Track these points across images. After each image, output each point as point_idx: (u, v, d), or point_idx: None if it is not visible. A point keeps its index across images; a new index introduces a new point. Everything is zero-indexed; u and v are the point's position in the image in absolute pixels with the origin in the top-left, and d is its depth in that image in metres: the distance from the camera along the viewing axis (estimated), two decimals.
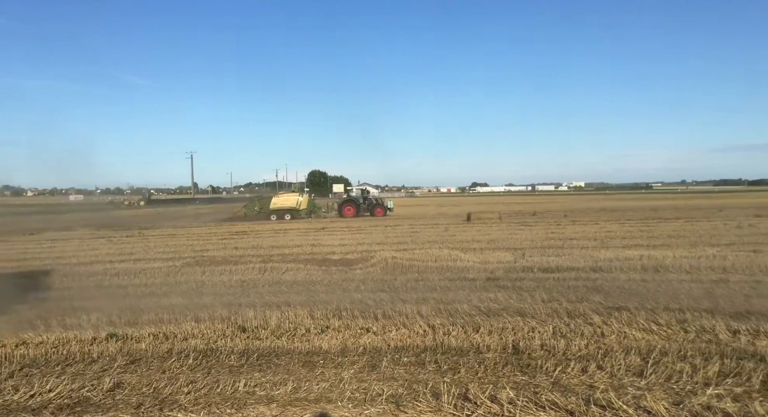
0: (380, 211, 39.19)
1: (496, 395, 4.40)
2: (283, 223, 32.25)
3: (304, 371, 5.29)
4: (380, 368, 5.29)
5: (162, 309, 8.38)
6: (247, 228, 28.35)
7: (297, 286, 10.87)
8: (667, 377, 4.69)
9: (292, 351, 5.97)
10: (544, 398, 4.28)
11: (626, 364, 5.02)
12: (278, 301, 8.77)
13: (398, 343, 6.05)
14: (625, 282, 9.71)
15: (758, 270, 10.36)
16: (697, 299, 7.84)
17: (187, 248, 18.32)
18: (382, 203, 40.82)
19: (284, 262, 13.97)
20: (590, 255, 13.10)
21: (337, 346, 6.06)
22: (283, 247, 17.95)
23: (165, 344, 6.32)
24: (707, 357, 5.12)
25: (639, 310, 7.15)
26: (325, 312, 7.64)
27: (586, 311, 7.14)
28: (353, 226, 27.89)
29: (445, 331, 6.42)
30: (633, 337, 5.88)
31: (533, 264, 12.07)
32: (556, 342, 5.76)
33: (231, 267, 13.33)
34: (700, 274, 10.33)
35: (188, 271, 13.14)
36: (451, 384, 4.68)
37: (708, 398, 4.15)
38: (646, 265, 11.29)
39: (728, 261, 11.23)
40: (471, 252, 14.75)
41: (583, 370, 4.94)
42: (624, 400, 4.17)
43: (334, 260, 14.13)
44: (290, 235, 22.85)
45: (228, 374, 5.26)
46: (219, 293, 10.25)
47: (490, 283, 10.09)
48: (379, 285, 10.43)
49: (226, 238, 22.39)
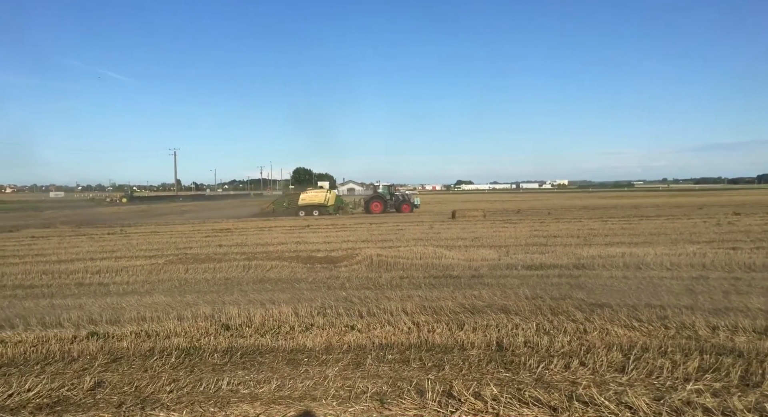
0: (407, 208, 39.32)
1: (480, 392, 4.41)
2: (268, 221, 32.08)
3: (288, 369, 5.26)
4: (365, 366, 5.29)
5: (144, 307, 8.29)
6: (231, 225, 28.16)
7: (281, 283, 10.83)
8: (648, 373, 4.75)
9: (276, 349, 5.94)
10: (528, 394, 4.30)
11: (608, 360, 5.07)
12: (262, 299, 8.72)
13: (383, 341, 6.05)
14: (608, 279, 9.82)
15: (737, 267, 10.54)
16: (677, 296, 7.95)
17: (170, 246, 18.15)
18: (409, 199, 40.80)
19: (269, 259, 13.90)
20: (573, 252, 13.23)
21: (321, 343, 6.04)
22: (267, 244, 17.86)
23: (147, 342, 6.25)
24: (687, 353, 5.19)
25: (621, 306, 7.23)
26: (310, 310, 7.61)
27: (569, 308, 7.20)
28: (338, 224, 27.85)
29: (430, 328, 6.43)
30: (615, 333, 5.94)
31: (517, 261, 12.15)
32: (539, 339, 5.80)
33: (215, 265, 13.23)
34: (681, 271, 10.48)
35: (171, 268, 13.02)
36: (436, 381, 4.70)
37: (688, 394, 4.21)
38: (628, 262, 11.42)
39: (708, 258, 11.40)
40: (456, 249, 14.81)
41: (566, 367, 4.99)
42: (606, 396, 4.21)
43: (318, 258, 14.10)
44: (275, 233, 22.74)
45: (211, 372, 5.22)
46: (202, 291, 10.18)
47: (475, 281, 10.14)
48: (364, 282, 10.43)
49: (210, 235, 22.22)
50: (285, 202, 40.53)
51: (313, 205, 38.44)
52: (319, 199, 38.95)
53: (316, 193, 40.19)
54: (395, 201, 40.04)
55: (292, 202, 39.83)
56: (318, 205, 38.47)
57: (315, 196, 39.45)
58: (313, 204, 38.55)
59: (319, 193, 40.09)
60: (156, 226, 29.62)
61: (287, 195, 42.82)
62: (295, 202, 39.40)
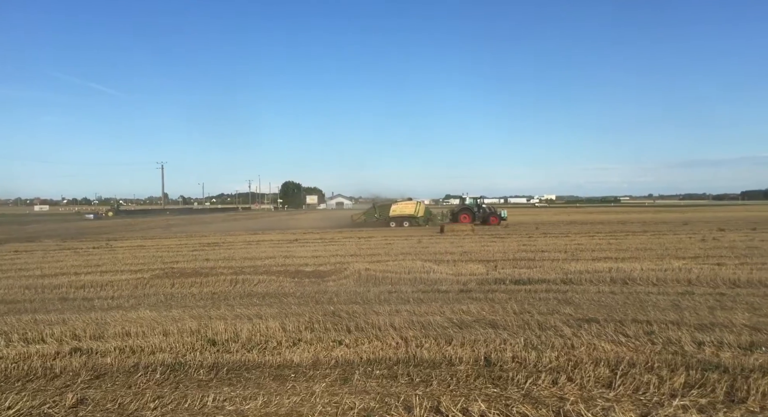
0: (494, 220, 38.95)
1: (467, 408, 4.40)
2: (256, 235, 31.91)
3: (274, 385, 5.21)
4: (352, 381, 5.25)
5: (129, 322, 8.18)
6: (219, 239, 27.97)
7: (269, 298, 10.76)
8: (635, 389, 4.76)
9: (263, 364, 5.88)
10: (516, 410, 4.30)
11: (595, 375, 5.08)
12: (249, 314, 8.65)
13: (371, 356, 6.01)
14: (595, 294, 9.86)
15: (722, 283, 10.64)
16: (663, 311, 8.00)
17: (156, 260, 17.97)
18: (496, 212, 40.57)
19: (256, 274, 13.81)
20: (561, 267, 13.29)
21: (308, 359, 5.99)
22: (255, 258, 17.76)
23: (131, 358, 6.16)
24: (673, 368, 5.21)
25: (608, 321, 7.26)
26: (297, 324, 7.56)
27: (557, 323, 7.21)
28: (326, 238, 27.77)
29: (418, 343, 6.41)
30: (602, 348, 5.96)
31: (505, 276, 12.17)
32: (527, 354, 5.80)
33: (201, 279, 13.11)
34: (667, 286, 10.56)
35: (157, 283, 12.88)
36: (423, 397, 4.67)
37: (674, 410, 4.23)
38: (615, 277, 11.49)
39: (693, 274, 11.51)
40: (444, 264, 14.81)
41: (554, 382, 4.98)
42: (593, 411, 4.22)
43: (307, 272, 14.03)
44: (263, 247, 22.62)
45: (197, 389, 5.15)
46: (188, 306, 10.07)
47: (463, 295, 10.14)
48: (352, 297, 10.39)
49: (197, 249, 22.04)
50: (376, 213, 40.69)
51: (404, 216, 38.82)
52: (410, 210, 39.27)
53: (407, 204, 40.34)
54: (483, 213, 39.86)
55: (383, 212, 40.06)
56: (408, 217, 38.84)
57: (405, 207, 39.74)
58: (404, 215, 38.94)
59: (409, 205, 40.27)
60: (142, 240, 29.33)
61: (378, 206, 42.56)
62: (386, 213, 39.66)
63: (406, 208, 39.41)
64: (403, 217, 38.54)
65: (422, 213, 39.25)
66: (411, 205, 40.08)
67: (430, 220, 39.38)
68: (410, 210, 39.19)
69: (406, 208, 39.43)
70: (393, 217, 38.64)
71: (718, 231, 26.90)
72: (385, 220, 38.72)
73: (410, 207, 39.63)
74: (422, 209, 39.68)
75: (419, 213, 39.06)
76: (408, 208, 39.54)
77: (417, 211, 39.10)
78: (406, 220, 38.32)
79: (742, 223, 34.58)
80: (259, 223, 54.36)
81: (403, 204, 40.44)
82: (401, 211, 39.09)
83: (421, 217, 38.88)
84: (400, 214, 38.88)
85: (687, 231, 27.61)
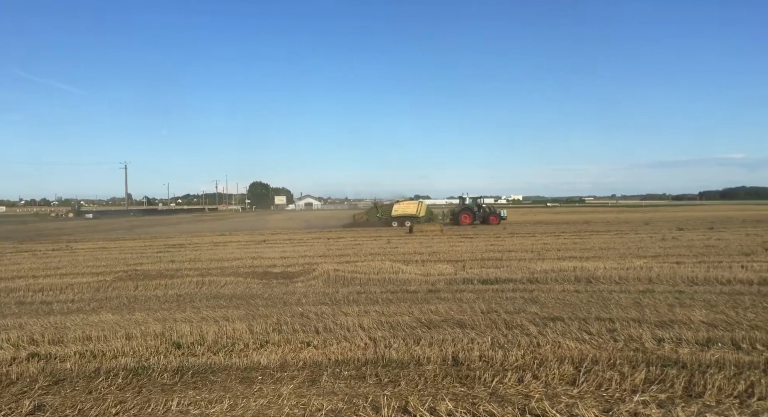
0: (494, 219, 39.45)
1: (435, 407, 4.43)
2: (223, 236, 31.45)
3: (241, 388, 5.14)
4: (320, 383, 5.22)
5: (90, 326, 7.97)
6: (185, 240, 27.48)
7: (236, 299, 10.62)
8: (597, 385, 4.87)
9: (229, 367, 5.80)
10: (482, 409, 4.34)
11: (560, 373, 5.17)
12: (216, 316, 8.51)
13: (339, 357, 6.00)
14: (560, 293, 10.05)
15: (681, 281, 10.97)
16: (625, 309, 8.21)
17: (120, 262, 17.55)
18: (496, 212, 41.12)
19: (223, 275, 13.62)
20: (527, 267, 13.49)
21: (276, 361, 5.94)
22: (222, 260, 17.51)
23: (92, 363, 5.99)
24: (634, 365, 5.35)
25: (572, 320, 7.41)
26: (265, 326, 7.48)
27: (523, 322, 7.32)
28: (295, 239, 27.58)
29: (387, 343, 6.42)
30: (567, 346, 6.07)
31: (473, 276, 12.30)
32: (494, 353, 5.87)
33: (166, 281, 12.85)
34: (629, 284, 10.83)
35: (120, 285, 12.58)
36: (392, 397, 4.68)
37: (635, 405, 4.34)
38: (580, 276, 11.73)
39: (654, 272, 11.83)
40: (413, 264, 14.88)
41: (520, 380, 5.06)
42: (557, 408, 4.29)
43: (275, 273, 13.90)
44: (230, 248, 22.32)
45: (160, 393, 5.04)
46: (153, 308, 9.86)
47: (432, 295, 10.20)
48: (321, 298, 10.34)
49: (162, 251, 21.61)
50: (378, 213, 40.92)
51: (406, 216, 38.90)
52: (411, 210, 39.40)
53: (408, 205, 40.60)
54: (483, 213, 40.43)
55: (385, 212, 40.29)
56: (410, 216, 38.89)
57: (407, 207, 39.94)
58: (406, 215, 39.05)
59: (411, 205, 40.55)
60: (104, 241, 28.59)
61: (380, 206, 42.94)
62: (388, 213, 39.88)
63: (408, 208, 39.80)
64: (405, 217, 38.86)
65: (424, 213, 39.70)
66: (413, 205, 40.58)
67: (432, 221, 39.69)
68: (412, 210, 39.57)
69: (408, 208, 39.81)
70: (395, 217, 39.03)
71: (677, 230, 27.74)
72: (387, 220, 39.15)
73: (412, 207, 40.09)
74: (424, 209, 40.13)
75: (421, 213, 39.47)
76: (410, 208, 39.97)
77: (419, 211, 39.50)
78: (408, 220, 38.53)
79: (699, 223, 35.75)
80: (227, 224, 53.65)
81: (405, 204, 40.86)
82: (403, 211, 39.47)
83: (423, 217, 39.24)
84: (402, 213, 39.24)
85: (648, 230, 28.38)
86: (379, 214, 40.74)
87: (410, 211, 39.36)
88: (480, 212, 40.15)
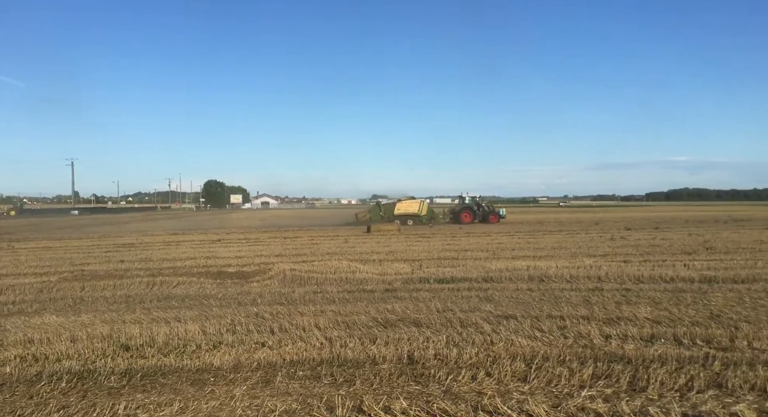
0: (494, 218, 40.38)
1: (389, 406, 4.44)
2: (176, 235, 30.68)
3: (192, 390, 5.03)
4: (274, 383, 5.16)
5: (32, 328, 7.64)
6: (135, 240, 26.68)
7: (189, 300, 10.38)
8: (548, 381, 4.99)
9: (180, 369, 5.66)
10: (436, 407, 4.38)
11: (512, 370, 5.28)
12: (167, 317, 8.30)
13: (294, 357, 5.94)
14: (514, 291, 10.25)
15: (627, 279, 11.37)
16: (575, 307, 8.45)
17: (65, 262, 16.88)
18: (495, 210, 42.03)
19: (176, 275, 13.28)
20: (482, 266, 13.71)
21: (229, 362, 5.83)
22: (174, 259, 17.07)
23: (34, 367, 5.74)
24: (583, 361, 5.51)
25: (525, 318, 7.57)
26: (219, 327, 7.34)
27: (478, 320, 7.44)
28: (251, 238, 27.17)
29: (342, 343, 6.40)
30: (519, 344, 6.20)
31: (430, 275, 12.41)
32: (449, 351, 5.94)
33: (115, 281, 12.44)
34: (579, 283, 11.15)
35: (65, 286, 12.10)
36: (346, 397, 4.67)
37: (582, 400, 4.47)
38: (533, 274, 12.00)
39: (602, 271, 12.22)
40: (370, 263, 14.89)
41: (473, 378, 5.13)
42: (509, 405, 4.38)
43: (229, 273, 13.66)
44: (183, 248, 21.79)
45: (107, 397, 4.87)
46: (100, 310, 9.54)
47: (388, 295, 10.23)
48: (277, 298, 10.23)
49: (111, 251, 20.91)
50: (381, 212, 40.97)
51: (408, 215, 39.37)
52: (414, 209, 39.81)
53: (411, 203, 40.85)
54: (482, 211, 41.17)
55: (388, 211, 40.48)
56: (412, 215, 39.43)
57: (410, 206, 40.25)
58: (408, 213, 39.45)
59: (413, 203, 40.80)
60: (49, 241, 27.43)
61: (383, 205, 43.26)
62: (390, 212, 40.12)
63: (410, 207, 40.31)
64: (408, 216, 39.42)
65: (425, 211, 40.31)
66: (415, 203, 40.99)
67: (433, 219, 40.42)
68: (414, 208, 40.10)
69: (410, 207, 40.32)
70: (398, 216, 39.41)
71: (625, 230, 28.74)
72: (390, 219, 39.42)
73: (414, 206, 40.56)
74: (425, 208, 40.71)
75: (422, 211, 40.07)
76: (412, 206, 40.44)
77: (420, 210, 40.09)
78: (410, 219, 39.22)
79: (646, 223, 37.16)
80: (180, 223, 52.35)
81: (407, 203, 41.27)
82: (406, 210, 39.97)
83: (425, 216, 39.88)
84: (405, 212, 39.75)
85: (598, 230, 29.31)
86: (382, 212, 41.16)
87: (412, 210, 40.01)
88: (480, 211, 41.30)
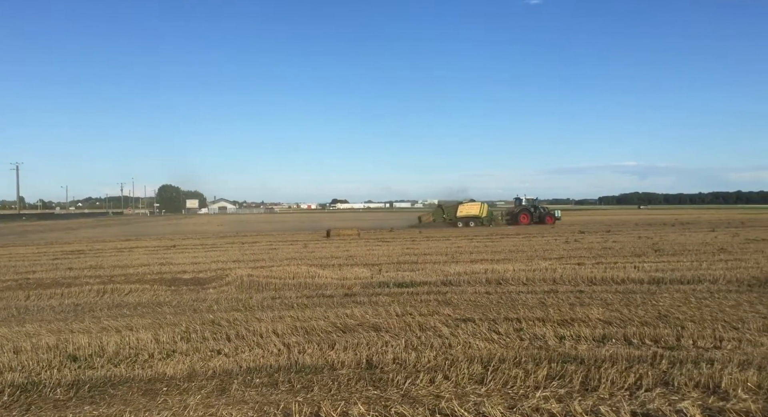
0: (550, 219, 41.29)
1: (347, 411, 4.42)
2: (129, 241, 29.77)
3: (144, 400, 4.88)
4: (230, 392, 5.06)
5: None
6: (85, 246, 25.76)
7: (141, 308, 10.08)
8: (504, 383, 5.07)
9: (131, 379, 5.48)
10: (394, 411, 4.39)
11: (469, 372, 5.33)
12: (118, 326, 8.03)
13: (251, 364, 5.84)
14: (472, 295, 10.38)
15: (581, 281, 11.68)
16: (531, 309, 8.62)
17: (9, 270, 16.14)
18: (551, 212, 42.93)
19: (128, 282, 12.89)
20: (441, 269, 13.83)
21: (183, 371, 5.69)
22: (127, 266, 16.55)
23: None
24: (538, 362, 5.62)
25: (483, 320, 7.67)
26: (172, 335, 7.16)
27: (437, 324, 7.49)
28: (207, 244, 26.63)
29: (300, 349, 6.34)
30: (477, 346, 6.28)
31: (389, 279, 12.43)
32: (407, 355, 5.96)
33: (63, 290, 11.98)
34: (535, 285, 11.38)
35: (8, 295, 11.59)
36: (304, 403, 4.62)
37: (537, 400, 4.55)
38: (490, 278, 12.17)
39: (557, 273, 12.51)
40: (329, 268, 14.81)
41: (431, 381, 5.16)
42: (466, 407, 4.42)
43: (185, 280, 13.34)
44: (136, 254, 21.16)
45: (52, 409, 4.68)
46: (46, 319, 9.15)
47: (348, 299, 10.20)
48: (234, 304, 10.04)
49: (59, 258, 20.12)
50: (444, 214, 41.63)
51: (470, 217, 40.25)
52: (475, 211, 40.74)
53: (472, 206, 41.80)
54: (539, 213, 41.99)
55: (451, 213, 41.12)
56: (474, 217, 40.32)
57: (471, 208, 41.14)
58: (470, 215, 40.33)
59: (474, 205, 41.76)
60: None
61: (446, 207, 43.65)
62: (453, 214, 40.85)
63: (472, 209, 41.27)
64: (469, 217, 40.41)
65: (486, 213, 41.25)
66: (476, 206, 41.89)
67: (493, 221, 41.26)
68: (475, 211, 41.06)
69: (471, 209, 41.27)
70: (460, 218, 40.31)
71: (579, 233, 29.52)
72: (452, 220, 40.21)
73: (475, 208, 41.49)
74: (485, 210, 41.67)
75: (483, 213, 40.98)
76: (473, 208, 41.36)
77: (481, 212, 41.03)
78: (471, 220, 40.15)
79: (599, 226, 38.27)
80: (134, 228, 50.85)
81: (468, 205, 42.18)
82: (467, 212, 40.89)
83: (485, 217, 40.77)
84: (467, 214, 40.68)
85: (553, 233, 30.01)
86: (445, 214, 41.86)
87: (474, 212, 40.99)
88: (536, 213, 42.38)
